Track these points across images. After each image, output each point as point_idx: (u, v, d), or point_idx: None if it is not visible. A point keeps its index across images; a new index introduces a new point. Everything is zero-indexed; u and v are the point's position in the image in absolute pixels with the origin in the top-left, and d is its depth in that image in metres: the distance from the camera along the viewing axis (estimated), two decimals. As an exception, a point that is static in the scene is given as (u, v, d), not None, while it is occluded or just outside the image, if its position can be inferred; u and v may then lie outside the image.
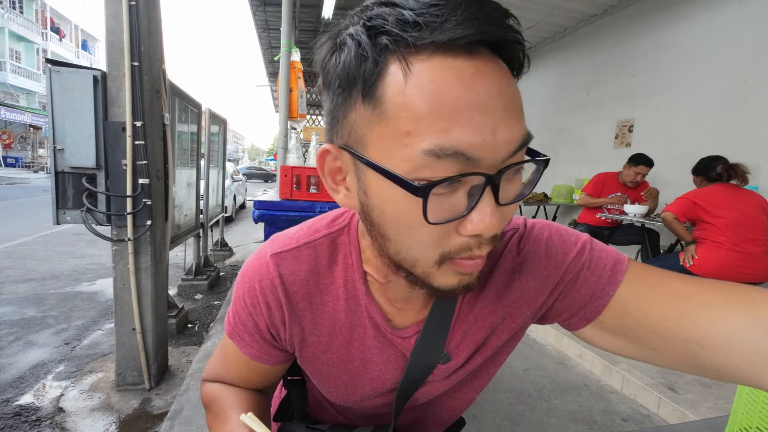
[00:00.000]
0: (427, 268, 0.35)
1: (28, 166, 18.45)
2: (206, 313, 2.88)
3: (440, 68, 0.28)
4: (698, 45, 3.29)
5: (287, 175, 1.95)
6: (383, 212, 0.33)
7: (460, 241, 0.32)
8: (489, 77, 0.29)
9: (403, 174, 0.30)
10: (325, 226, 0.48)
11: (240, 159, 54.81)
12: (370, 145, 0.32)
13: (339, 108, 0.34)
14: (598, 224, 3.29)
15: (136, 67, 1.63)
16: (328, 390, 0.52)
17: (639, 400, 1.97)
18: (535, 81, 5.47)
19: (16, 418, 1.65)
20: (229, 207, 7.16)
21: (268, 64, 9.02)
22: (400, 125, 0.29)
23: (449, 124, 0.28)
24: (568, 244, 0.45)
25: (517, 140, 0.31)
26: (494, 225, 0.30)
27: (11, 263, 3.92)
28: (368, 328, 0.47)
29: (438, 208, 0.30)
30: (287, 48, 2.40)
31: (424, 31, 0.28)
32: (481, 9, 0.28)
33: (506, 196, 0.32)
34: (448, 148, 0.28)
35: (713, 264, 2.20)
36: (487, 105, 0.29)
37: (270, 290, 0.46)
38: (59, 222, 1.72)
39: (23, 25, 18.25)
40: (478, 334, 0.47)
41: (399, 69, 0.29)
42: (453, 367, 0.48)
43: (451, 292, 0.36)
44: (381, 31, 0.30)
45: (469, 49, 0.29)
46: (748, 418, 0.46)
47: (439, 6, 0.28)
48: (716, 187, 2.31)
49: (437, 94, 0.28)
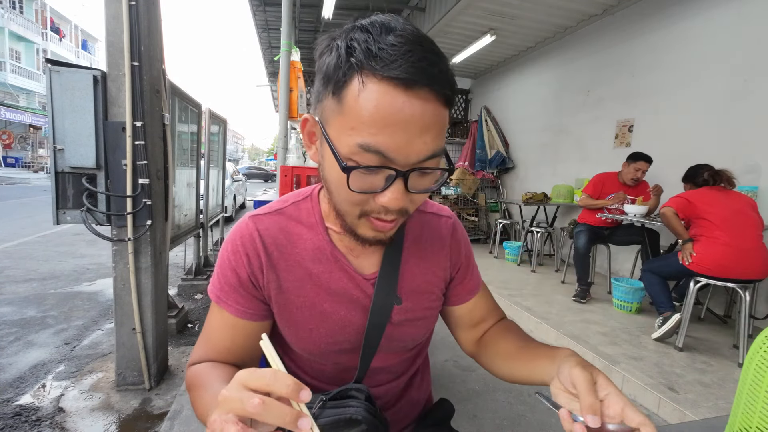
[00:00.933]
0: (352, 220, 0.50)
1: (28, 166, 18.44)
2: (206, 313, 2.88)
3: (383, 92, 0.40)
4: (698, 45, 3.29)
5: (287, 175, 1.95)
6: (329, 173, 0.48)
7: (375, 206, 0.47)
8: (416, 106, 0.41)
9: (342, 153, 0.43)
10: (293, 196, 0.63)
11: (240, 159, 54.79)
12: (330, 126, 0.45)
13: (320, 93, 0.46)
14: (599, 224, 3.29)
15: (136, 67, 1.64)
16: (300, 338, 0.59)
17: (639, 400, 1.97)
18: (535, 81, 5.47)
19: (16, 418, 1.65)
20: (229, 207, 7.16)
21: (268, 64, 9.03)
22: (349, 121, 0.42)
23: (378, 131, 0.41)
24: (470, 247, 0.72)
25: (426, 153, 0.43)
26: (396, 202, 0.45)
27: (11, 263, 3.92)
28: (335, 271, 0.59)
29: (360, 181, 0.44)
30: (287, 48, 2.40)
31: (379, 63, 0.40)
32: (421, 58, 0.40)
33: (414, 186, 0.46)
34: (372, 147, 0.41)
35: (711, 260, 2.21)
36: (407, 125, 0.41)
37: (249, 242, 0.57)
38: (59, 222, 1.72)
39: (23, 25, 18.23)
40: (416, 281, 0.63)
41: (357, 83, 0.41)
42: (404, 308, 0.61)
43: (369, 242, 0.52)
44: (353, 53, 0.41)
45: (407, 82, 0.40)
46: (748, 418, 0.46)
47: (395, 47, 0.40)
48: (706, 188, 2.38)
49: (375, 109, 0.40)
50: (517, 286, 3.58)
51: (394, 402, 0.69)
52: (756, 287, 2.42)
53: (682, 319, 2.32)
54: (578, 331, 2.58)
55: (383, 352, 0.63)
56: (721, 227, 2.21)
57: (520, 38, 5.05)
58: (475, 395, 1.96)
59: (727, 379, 2.02)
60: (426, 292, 0.64)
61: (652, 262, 2.62)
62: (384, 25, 0.42)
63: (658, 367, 2.11)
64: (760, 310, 2.73)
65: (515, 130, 5.95)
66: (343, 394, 0.56)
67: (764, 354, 0.45)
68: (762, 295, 2.75)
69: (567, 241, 4.13)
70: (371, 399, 0.57)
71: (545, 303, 3.13)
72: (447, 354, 2.36)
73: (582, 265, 3.22)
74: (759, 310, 2.72)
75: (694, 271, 2.28)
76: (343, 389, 0.57)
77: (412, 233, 0.64)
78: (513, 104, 5.98)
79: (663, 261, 2.54)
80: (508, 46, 5.37)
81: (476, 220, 5.89)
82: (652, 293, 2.51)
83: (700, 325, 2.77)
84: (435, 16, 4.78)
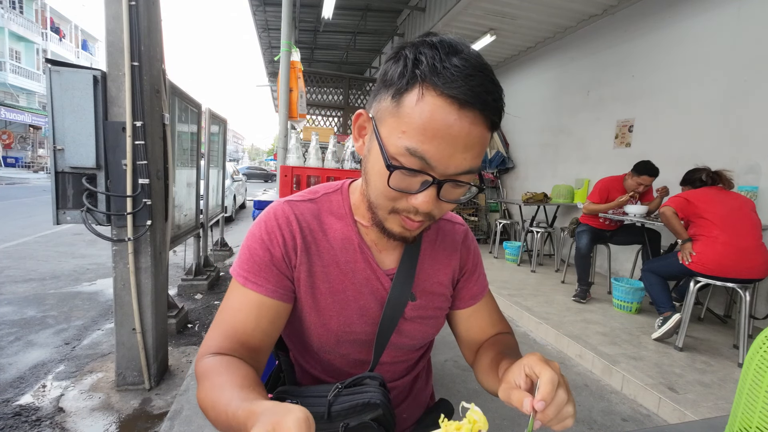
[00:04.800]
0: (383, 214, 0.54)
1: (28, 166, 18.43)
2: (206, 313, 2.88)
3: (439, 106, 0.45)
4: (698, 45, 3.29)
5: (287, 175, 1.95)
6: (372, 167, 0.52)
7: (407, 206, 0.51)
8: (465, 125, 0.45)
9: (389, 152, 0.48)
10: (323, 188, 0.67)
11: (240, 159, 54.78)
12: (383, 125, 0.50)
13: (380, 92, 0.51)
14: (600, 227, 3.28)
15: (136, 67, 1.63)
16: (319, 324, 0.61)
17: (639, 400, 1.97)
18: (535, 81, 5.47)
19: (16, 418, 1.65)
20: (229, 207, 7.16)
21: (268, 64, 9.03)
22: (402, 125, 0.47)
23: (426, 139, 0.45)
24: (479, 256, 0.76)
25: (464, 168, 0.48)
26: (426, 206, 0.50)
27: (11, 263, 3.92)
28: (359, 261, 0.62)
29: (399, 180, 0.49)
30: (287, 48, 2.40)
31: (441, 80, 0.44)
32: (480, 84, 0.45)
33: (446, 195, 0.51)
34: (418, 152, 0.46)
35: (711, 259, 2.21)
36: (454, 140, 0.45)
37: (286, 223, 0.60)
38: (59, 222, 1.72)
39: (23, 25, 18.21)
40: (430, 281, 0.67)
41: (417, 93, 0.46)
42: (417, 305, 0.65)
43: (394, 237, 0.56)
44: (419, 65, 0.46)
45: (461, 103, 0.44)
46: (748, 418, 0.46)
47: (458, 68, 0.44)
48: (705, 189, 2.38)
49: (429, 120, 0.45)
50: (517, 286, 3.58)
51: (399, 402, 0.70)
52: (756, 287, 2.42)
53: (682, 319, 2.32)
54: (578, 331, 2.58)
55: (393, 349, 0.65)
56: (720, 226, 2.21)
57: (520, 38, 5.06)
58: (475, 395, 1.96)
59: (727, 379, 2.02)
60: (437, 293, 0.67)
61: (653, 262, 2.62)
62: (452, 46, 0.47)
63: (658, 367, 2.11)
64: (760, 310, 2.74)
65: (515, 130, 5.95)
66: (358, 381, 0.57)
67: (764, 354, 0.45)
68: (762, 295, 2.75)
69: (567, 241, 4.12)
70: (386, 386, 0.57)
71: (545, 303, 3.13)
72: (447, 354, 2.36)
73: (583, 265, 3.21)
74: (759, 310, 2.72)
75: (694, 271, 2.28)
76: (359, 377, 0.58)
77: (429, 236, 0.68)
78: (513, 104, 5.98)
79: (663, 261, 2.54)
80: (508, 46, 5.37)
81: (476, 220, 5.89)
82: (652, 293, 2.51)
83: (700, 325, 2.77)
84: (435, 16, 4.78)
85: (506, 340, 0.67)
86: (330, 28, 6.61)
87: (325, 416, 0.53)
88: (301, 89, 2.64)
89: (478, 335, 0.71)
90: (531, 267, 4.26)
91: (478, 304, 0.71)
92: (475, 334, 0.71)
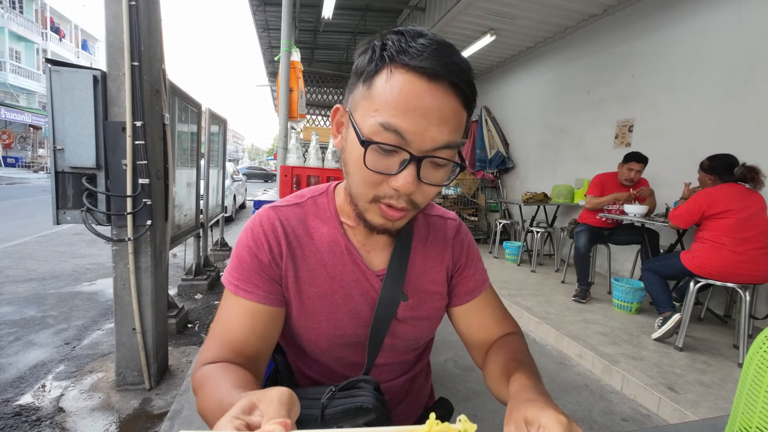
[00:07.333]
0: (364, 204, 0.53)
1: (28, 166, 18.42)
2: (206, 313, 2.88)
3: (408, 80, 0.45)
4: (698, 45, 3.29)
5: (287, 175, 1.96)
6: (349, 154, 0.51)
7: (387, 190, 0.50)
8: (436, 97, 0.45)
9: (364, 133, 0.47)
10: (309, 192, 0.66)
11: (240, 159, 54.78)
12: (357, 111, 0.50)
13: (353, 85, 0.52)
14: (599, 225, 3.29)
15: (136, 67, 1.63)
16: (310, 328, 0.60)
17: (639, 400, 1.97)
18: (535, 81, 5.47)
19: (16, 418, 1.65)
20: (229, 207, 7.16)
21: (268, 64, 9.02)
22: (374, 104, 0.47)
23: (399, 113, 0.45)
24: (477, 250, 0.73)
25: (441, 142, 0.47)
26: (407, 187, 0.48)
27: (11, 263, 3.92)
28: (347, 263, 0.61)
29: (376, 160, 0.48)
30: (287, 48, 2.40)
31: (407, 56, 0.45)
32: (447, 57, 0.46)
33: (427, 177, 0.49)
34: (391, 125, 0.45)
35: (715, 266, 2.20)
36: (426, 112, 0.45)
37: (271, 229, 0.59)
38: (59, 222, 1.72)
39: (23, 25, 18.20)
40: (422, 280, 0.65)
41: (386, 72, 0.46)
42: (410, 305, 0.63)
43: (377, 229, 0.54)
44: (386, 49, 0.47)
45: (430, 76, 0.45)
46: (748, 418, 0.46)
47: (424, 45, 0.45)
48: (727, 187, 2.26)
49: (399, 94, 0.45)
50: (517, 286, 3.58)
51: (397, 402, 0.69)
52: (756, 287, 2.42)
53: (682, 319, 2.32)
54: (578, 331, 2.58)
55: (387, 350, 0.64)
56: (729, 234, 2.17)
57: (520, 38, 5.05)
58: (475, 395, 1.96)
59: (727, 379, 2.02)
60: (431, 292, 0.66)
61: (653, 261, 2.61)
62: (417, 32, 0.48)
63: (658, 367, 2.11)
64: (760, 310, 2.73)
65: (515, 130, 5.95)
66: (352, 384, 0.57)
67: (764, 354, 0.45)
68: (762, 295, 2.75)
69: (567, 241, 4.12)
70: (380, 390, 0.57)
71: (545, 303, 3.13)
72: (447, 354, 2.36)
73: (582, 265, 3.22)
74: (759, 310, 2.72)
75: (695, 274, 2.28)
76: (353, 380, 0.57)
77: (420, 234, 0.67)
78: (513, 104, 5.98)
79: (663, 261, 2.53)
80: (508, 46, 5.37)
81: (476, 220, 5.89)
82: (652, 293, 2.51)
83: (700, 325, 2.77)
84: (435, 16, 4.78)
85: (515, 344, 0.64)
86: (330, 28, 6.60)
87: (319, 419, 0.52)
88: (301, 89, 2.64)
89: (482, 335, 0.68)
90: (531, 267, 4.26)
91: (476, 301, 0.68)
92: (479, 333, 0.68)
